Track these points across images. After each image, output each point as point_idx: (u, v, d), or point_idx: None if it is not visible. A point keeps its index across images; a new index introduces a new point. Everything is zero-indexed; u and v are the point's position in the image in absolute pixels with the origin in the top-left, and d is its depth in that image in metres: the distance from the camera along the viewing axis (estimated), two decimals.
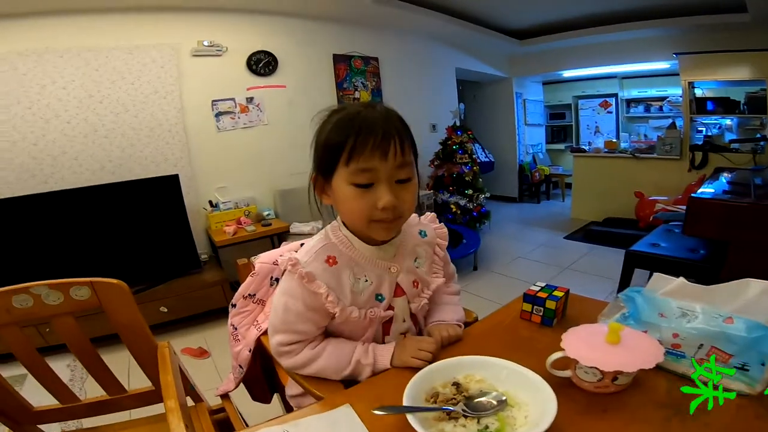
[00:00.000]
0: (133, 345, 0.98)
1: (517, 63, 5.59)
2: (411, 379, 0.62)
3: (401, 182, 0.71)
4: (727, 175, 2.56)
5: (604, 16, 4.17)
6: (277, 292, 0.81)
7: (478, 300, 2.86)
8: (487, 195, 4.24)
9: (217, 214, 3.05)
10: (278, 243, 2.88)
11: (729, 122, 4.20)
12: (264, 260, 1.03)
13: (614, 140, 4.94)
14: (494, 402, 0.60)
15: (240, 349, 1.04)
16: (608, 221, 4.58)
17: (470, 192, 4.05)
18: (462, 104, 5.47)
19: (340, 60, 3.73)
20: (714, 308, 0.67)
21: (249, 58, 3.20)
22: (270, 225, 3.07)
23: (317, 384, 0.78)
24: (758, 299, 0.66)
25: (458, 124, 4.36)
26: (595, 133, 6.01)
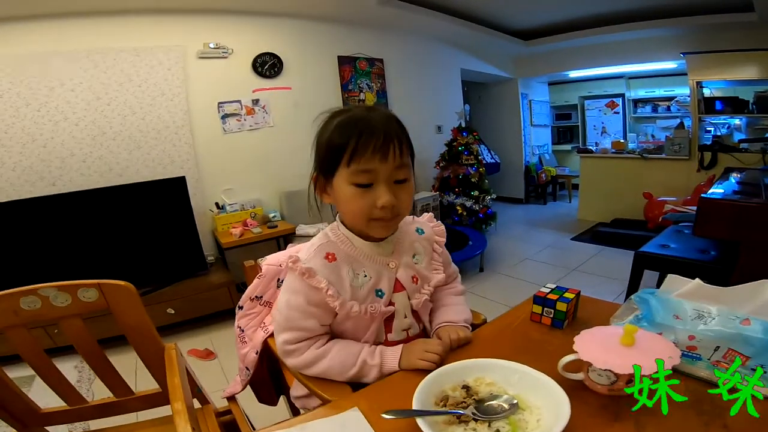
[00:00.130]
0: (140, 346, 0.98)
1: (523, 64, 5.56)
2: (420, 383, 0.61)
3: (399, 182, 0.75)
4: (737, 175, 2.53)
5: (610, 16, 4.14)
6: (280, 292, 0.83)
7: (485, 302, 2.84)
8: (494, 196, 4.22)
9: (224, 216, 3.06)
10: (284, 245, 2.88)
11: (738, 122, 4.16)
12: (271, 262, 1.03)
13: (622, 141, 4.89)
14: (505, 405, 0.59)
15: (247, 351, 1.04)
16: (616, 222, 4.54)
17: (476, 193, 4.03)
18: (467, 105, 5.45)
19: (345, 61, 3.73)
20: (730, 310, 0.66)
21: (254, 60, 3.21)
22: (276, 227, 3.07)
23: (322, 385, 0.78)
24: None
25: (464, 126, 4.35)
26: (602, 134, 5.97)
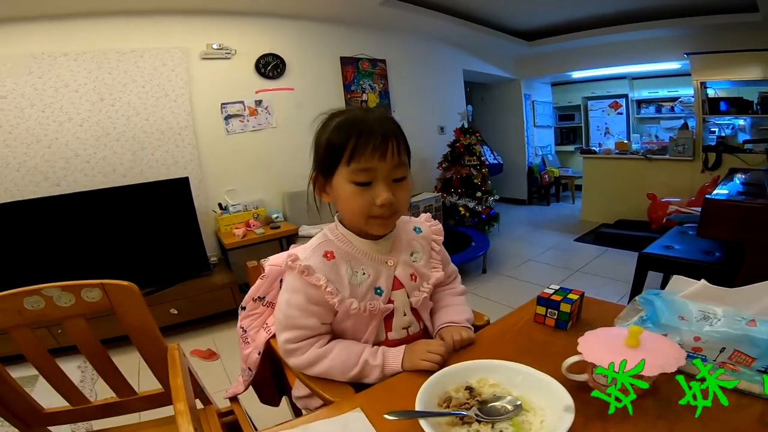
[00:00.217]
0: (143, 347, 0.98)
1: (526, 64, 5.54)
2: (423, 384, 0.61)
3: (397, 181, 0.76)
4: (742, 176, 2.52)
5: (613, 17, 4.12)
6: (281, 292, 0.84)
7: (488, 303, 2.83)
8: (496, 197, 4.21)
9: (227, 217, 3.06)
10: (287, 246, 2.88)
11: (742, 122, 4.14)
12: (274, 263, 1.02)
13: (625, 141, 4.87)
14: (509, 407, 0.59)
15: (249, 352, 1.04)
16: (619, 223, 4.51)
17: (479, 194, 4.02)
18: (470, 106, 5.45)
19: (348, 62, 3.73)
20: (736, 311, 0.65)
21: (257, 61, 3.22)
22: (279, 227, 3.07)
23: (325, 386, 0.78)
24: None
25: (466, 126, 4.34)
26: (605, 135, 5.94)
